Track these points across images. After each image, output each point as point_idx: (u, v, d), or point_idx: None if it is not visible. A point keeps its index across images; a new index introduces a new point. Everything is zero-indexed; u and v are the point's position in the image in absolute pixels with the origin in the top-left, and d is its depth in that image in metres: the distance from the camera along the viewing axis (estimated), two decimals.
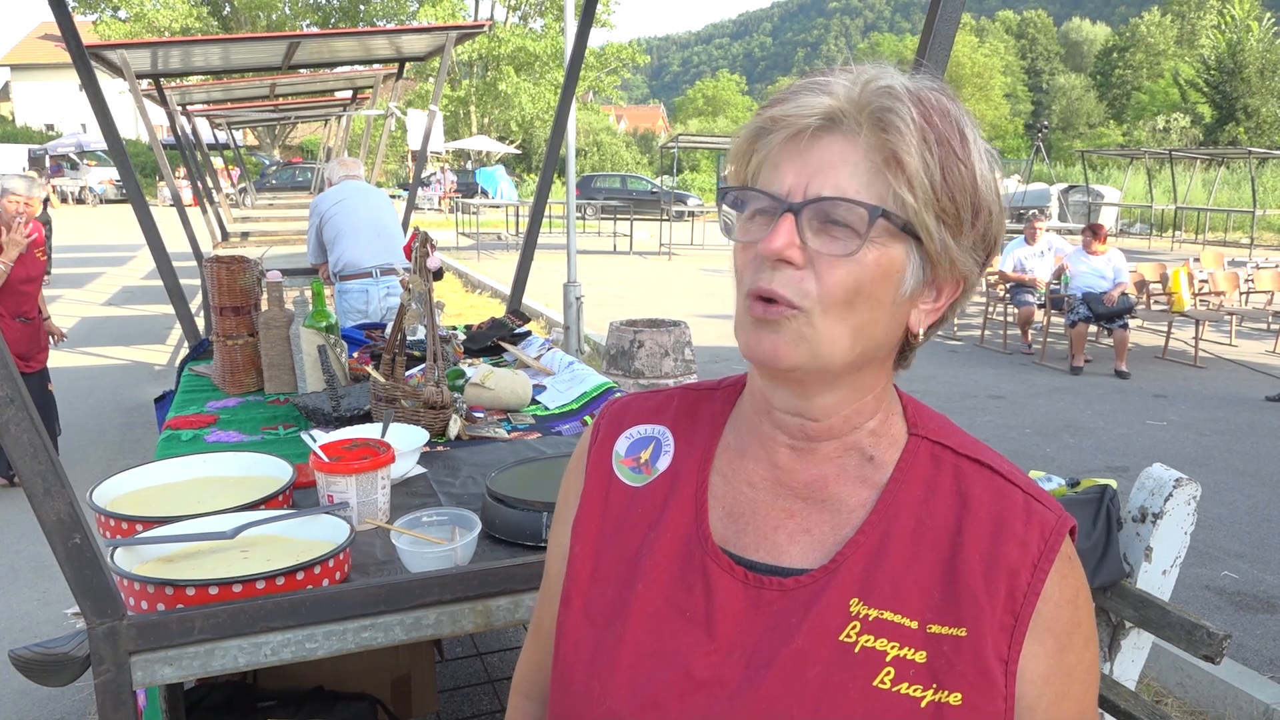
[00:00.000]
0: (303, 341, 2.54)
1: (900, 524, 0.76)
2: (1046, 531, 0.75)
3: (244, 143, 29.35)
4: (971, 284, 0.76)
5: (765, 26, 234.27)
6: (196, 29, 31.01)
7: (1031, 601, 0.73)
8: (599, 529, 0.85)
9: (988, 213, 0.73)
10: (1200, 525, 3.75)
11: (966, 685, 0.71)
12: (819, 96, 0.71)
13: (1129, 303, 8.26)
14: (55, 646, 1.25)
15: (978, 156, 0.72)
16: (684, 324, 2.56)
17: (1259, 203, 22.37)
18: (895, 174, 0.69)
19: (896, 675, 0.72)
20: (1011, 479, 0.78)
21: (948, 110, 0.72)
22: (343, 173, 5.02)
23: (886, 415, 0.80)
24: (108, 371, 7.81)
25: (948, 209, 0.70)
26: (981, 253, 0.75)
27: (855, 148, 0.70)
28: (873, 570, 0.75)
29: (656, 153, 44.33)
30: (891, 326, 0.74)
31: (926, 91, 0.72)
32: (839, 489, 0.79)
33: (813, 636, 0.73)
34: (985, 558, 0.74)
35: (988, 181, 0.72)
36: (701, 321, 8.92)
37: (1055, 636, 0.74)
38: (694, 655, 0.76)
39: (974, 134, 0.73)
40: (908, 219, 0.70)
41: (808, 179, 0.70)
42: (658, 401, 0.91)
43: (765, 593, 0.77)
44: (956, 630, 0.72)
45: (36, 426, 1.17)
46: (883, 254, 0.70)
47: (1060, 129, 60.37)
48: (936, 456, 0.79)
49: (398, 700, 2.36)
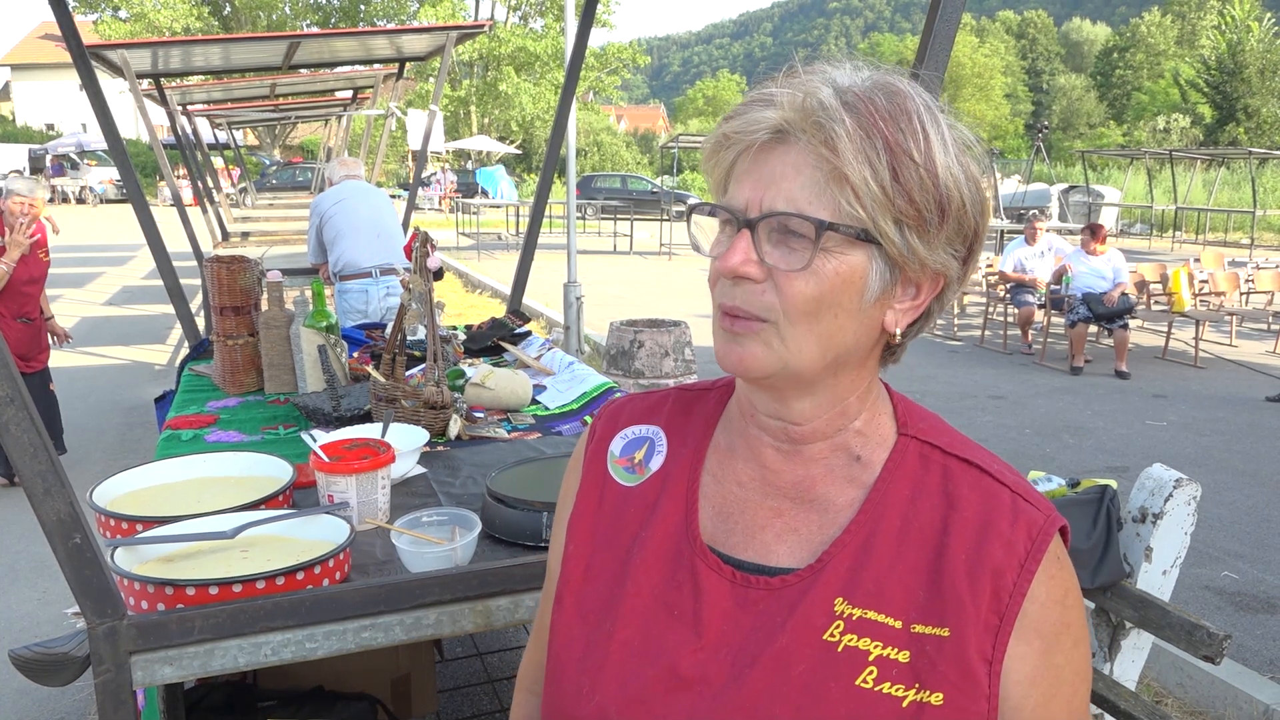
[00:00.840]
0: (303, 341, 2.54)
1: (886, 524, 0.76)
2: (1034, 531, 0.74)
3: (244, 142, 29.34)
4: (953, 278, 0.75)
5: (765, 26, 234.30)
6: (197, 29, 31.02)
7: (1017, 602, 0.72)
8: (592, 528, 0.86)
9: (959, 205, 0.71)
10: (1200, 525, 3.75)
11: (949, 685, 0.71)
12: (765, 110, 0.71)
13: (1129, 303, 8.26)
14: (55, 646, 1.25)
15: (940, 150, 0.70)
16: (684, 324, 2.56)
17: (1259, 203, 22.36)
18: (840, 186, 0.68)
19: (879, 674, 0.72)
20: (1000, 478, 0.78)
21: (902, 109, 0.70)
22: (343, 172, 5.03)
23: (873, 415, 0.80)
24: (108, 371, 7.81)
25: (905, 210, 0.69)
26: (960, 246, 0.74)
27: (806, 159, 0.69)
28: (858, 570, 0.75)
29: (657, 153, 44.34)
30: (862, 331, 0.74)
31: (871, 93, 0.70)
32: (827, 489, 0.79)
33: (797, 635, 0.74)
34: (970, 557, 0.74)
35: (954, 174, 0.71)
36: (701, 321, 8.90)
37: (1042, 637, 0.73)
38: (681, 653, 0.76)
39: (938, 128, 0.71)
40: (862, 227, 0.69)
41: (762, 192, 0.71)
42: (653, 402, 0.92)
43: (752, 591, 0.77)
44: (940, 630, 0.72)
45: (37, 426, 1.17)
46: (841, 262, 0.70)
47: (1060, 129, 60.39)
48: (925, 456, 0.79)
49: (398, 700, 2.36)
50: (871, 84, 0.71)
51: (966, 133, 0.74)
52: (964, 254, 0.75)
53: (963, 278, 0.77)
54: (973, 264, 0.77)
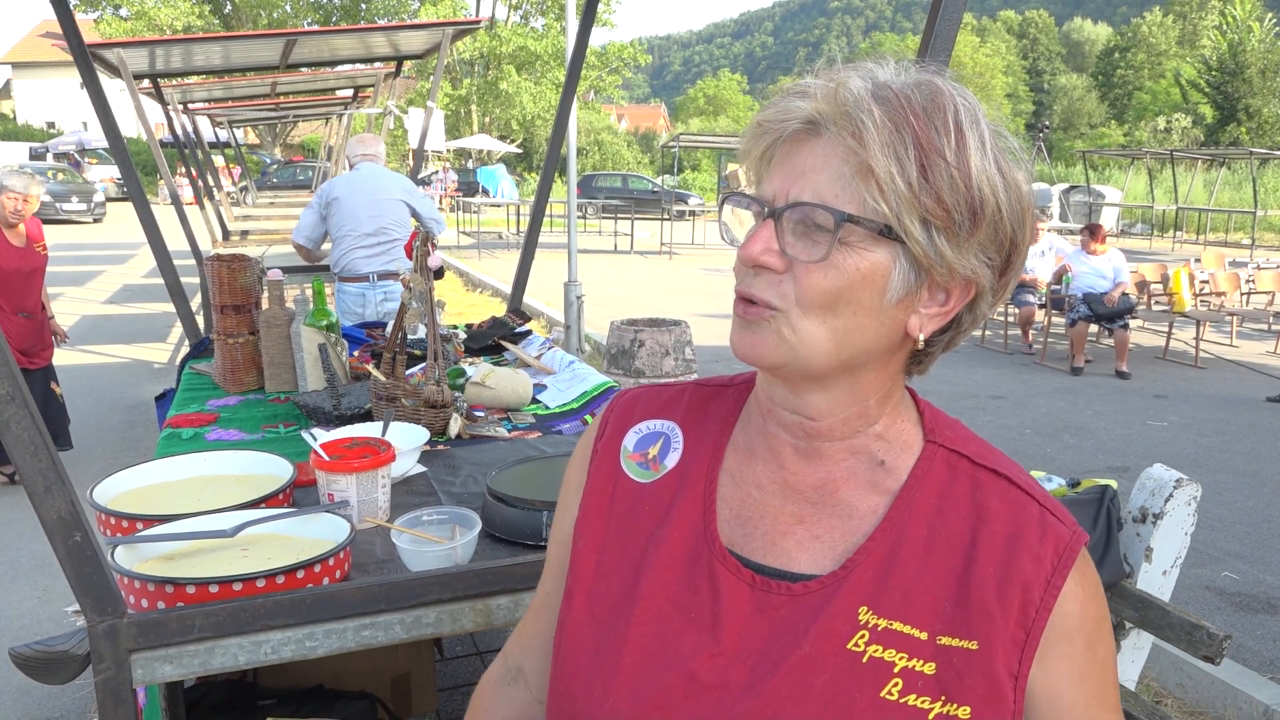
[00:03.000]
0: (303, 340, 2.54)
1: (913, 532, 0.75)
2: (1061, 547, 0.74)
3: (244, 141, 29.34)
4: (986, 288, 0.73)
5: (767, 26, 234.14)
6: (198, 27, 31.00)
7: (1043, 617, 0.72)
8: (604, 525, 0.84)
9: (994, 211, 0.69)
10: (1200, 526, 3.75)
11: (975, 699, 0.71)
12: (800, 101, 0.71)
13: (1129, 303, 8.26)
14: (55, 644, 1.25)
15: (976, 153, 0.68)
16: (685, 323, 2.56)
17: (1260, 203, 22.34)
18: (866, 179, 0.67)
19: (904, 686, 0.71)
20: (1029, 491, 0.77)
21: (937, 106, 0.69)
22: (361, 151, 4.86)
23: (894, 420, 0.79)
24: (108, 369, 7.81)
25: (933, 210, 0.67)
26: (994, 254, 0.72)
27: (835, 151, 0.69)
28: (883, 579, 0.74)
29: (657, 152, 44.30)
30: (881, 331, 0.72)
31: (907, 89, 0.69)
32: (849, 494, 0.78)
33: (820, 644, 0.72)
34: (999, 571, 0.73)
35: (990, 178, 0.69)
36: (702, 321, 8.92)
37: (1084, 634, 0.74)
38: (698, 658, 0.75)
39: (976, 130, 0.69)
40: (885, 222, 0.68)
41: (790, 184, 0.70)
42: (669, 396, 0.90)
43: (773, 597, 0.76)
44: (968, 643, 0.71)
45: (37, 424, 1.17)
46: (863, 258, 0.69)
47: (1061, 129, 60.34)
48: (953, 465, 0.78)
49: (397, 699, 2.36)
50: (913, 81, 0.70)
51: (1013, 141, 0.72)
52: (1000, 264, 0.73)
53: (998, 289, 0.74)
54: (1012, 276, 0.74)
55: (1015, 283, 0.76)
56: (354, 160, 4.88)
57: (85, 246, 17.30)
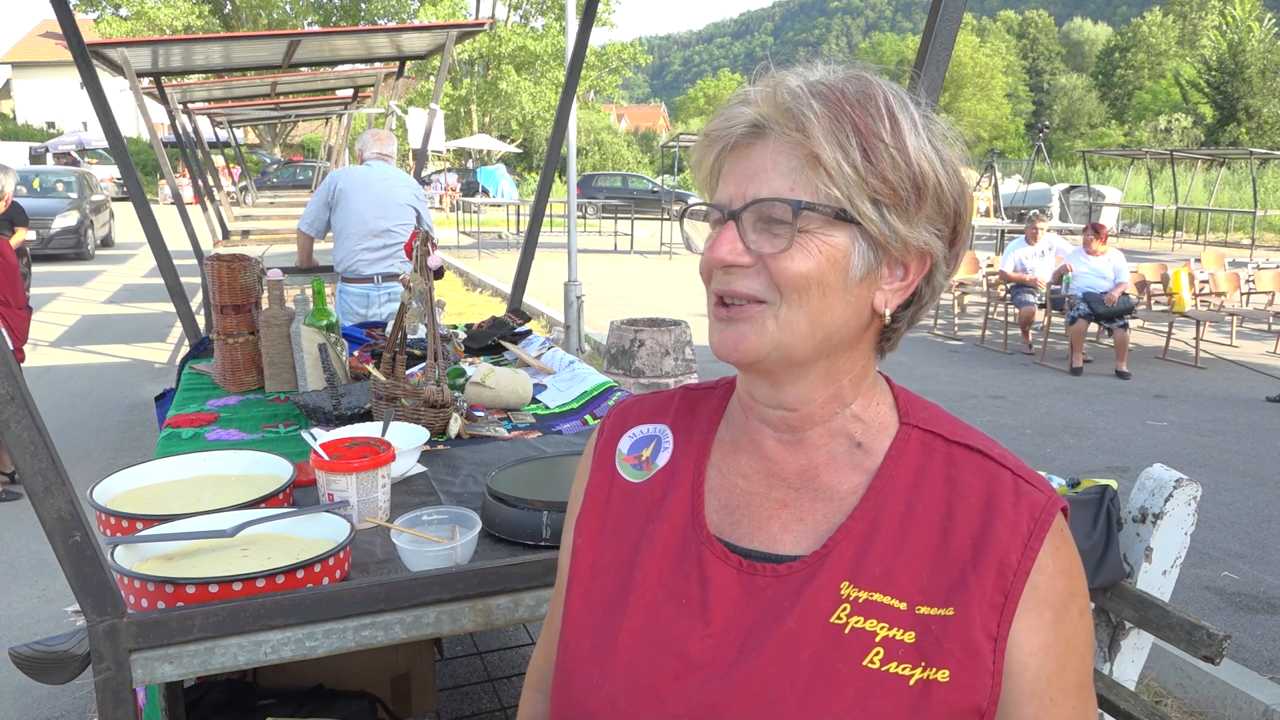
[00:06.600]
0: (303, 340, 2.54)
1: (891, 509, 0.78)
2: (1036, 511, 0.76)
3: (245, 141, 29.32)
4: (939, 258, 0.78)
5: (767, 26, 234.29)
6: (198, 27, 30.99)
7: (1021, 580, 0.75)
8: (600, 524, 0.88)
9: (935, 185, 0.74)
10: (1200, 526, 3.75)
11: (954, 663, 0.73)
12: (742, 107, 0.76)
13: (1129, 303, 8.26)
14: (55, 644, 1.25)
15: (910, 133, 0.73)
16: (684, 323, 2.56)
17: (1260, 203, 22.35)
18: (814, 168, 0.72)
19: (885, 655, 0.74)
20: (1002, 461, 0.80)
21: (868, 95, 0.74)
22: (376, 149, 4.81)
23: (870, 402, 0.83)
24: (108, 369, 7.81)
25: (880, 190, 0.72)
26: (942, 225, 0.77)
27: (782, 149, 0.74)
28: (863, 554, 0.77)
29: (657, 152, 44.32)
30: (849, 310, 0.76)
31: (840, 83, 0.74)
32: (830, 477, 0.81)
33: (804, 619, 0.76)
34: (974, 539, 0.76)
35: (927, 156, 0.74)
36: (702, 321, 8.85)
37: (1052, 608, 0.76)
38: (689, 640, 0.78)
39: (907, 113, 0.74)
40: (839, 206, 0.72)
41: (745, 185, 0.75)
42: (659, 402, 0.95)
43: (759, 579, 0.79)
44: (944, 610, 0.74)
45: (37, 424, 1.17)
46: (824, 242, 0.73)
47: (1061, 129, 60.34)
48: (928, 445, 0.81)
49: (397, 698, 2.36)
50: (843, 77, 0.76)
51: (943, 124, 0.77)
52: (948, 235, 0.78)
53: (950, 260, 0.79)
54: (960, 247, 0.80)
55: (964, 254, 0.81)
56: (367, 156, 4.81)
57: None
